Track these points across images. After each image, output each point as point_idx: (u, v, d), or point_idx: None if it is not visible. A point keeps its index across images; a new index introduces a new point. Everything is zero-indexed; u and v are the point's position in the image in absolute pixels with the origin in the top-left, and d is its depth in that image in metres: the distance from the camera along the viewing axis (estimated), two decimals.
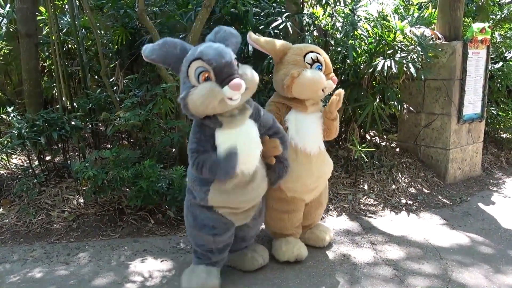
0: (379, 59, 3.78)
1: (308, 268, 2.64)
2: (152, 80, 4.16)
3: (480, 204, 3.83)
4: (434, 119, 4.35)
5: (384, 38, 3.91)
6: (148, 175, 3.01)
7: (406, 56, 3.80)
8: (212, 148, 2.15)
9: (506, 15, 5.76)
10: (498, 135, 5.62)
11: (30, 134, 3.29)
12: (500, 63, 5.18)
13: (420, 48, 3.79)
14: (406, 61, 3.74)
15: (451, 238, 3.10)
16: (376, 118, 3.92)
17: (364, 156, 3.77)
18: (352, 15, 3.89)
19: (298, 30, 3.77)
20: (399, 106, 4.07)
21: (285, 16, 3.66)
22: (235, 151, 2.10)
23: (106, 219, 3.22)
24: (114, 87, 4.08)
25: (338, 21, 3.87)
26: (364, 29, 3.89)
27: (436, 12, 4.51)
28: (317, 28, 3.96)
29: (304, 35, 3.70)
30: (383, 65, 3.67)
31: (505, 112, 5.48)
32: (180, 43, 2.13)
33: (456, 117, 4.23)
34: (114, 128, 3.39)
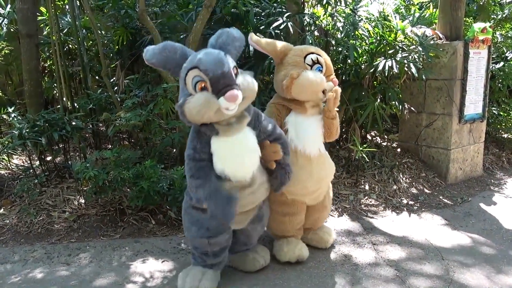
0: (380, 59, 3.77)
1: (309, 268, 2.63)
2: (153, 80, 4.16)
3: (482, 204, 3.82)
4: (435, 119, 4.35)
5: (385, 38, 3.90)
6: (149, 175, 3.01)
7: (407, 56, 3.79)
8: (208, 155, 2.15)
9: (507, 15, 5.76)
10: (499, 135, 5.61)
11: (31, 135, 3.29)
12: (501, 63, 5.18)
13: (421, 48, 3.78)
14: (407, 61, 3.74)
15: (452, 239, 3.09)
16: (377, 118, 3.91)
17: (365, 156, 3.76)
18: (353, 15, 3.89)
19: (299, 30, 3.77)
20: (400, 106, 4.06)
21: (286, 16, 3.66)
22: (236, 196, 2.13)
23: (107, 220, 3.22)
24: (115, 88, 4.08)
25: (339, 21, 3.87)
26: (365, 29, 3.89)
27: (437, 12, 4.51)
28: (318, 28, 3.95)
29: (305, 35, 3.69)
30: (384, 65, 3.66)
31: (506, 112, 5.47)
32: (180, 48, 2.11)
33: (457, 117, 4.23)
34: (115, 128, 3.39)
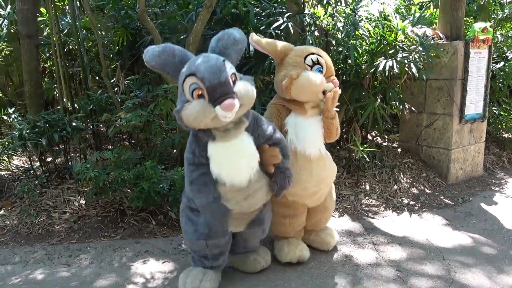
0: (381, 59, 3.77)
1: (310, 269, 2.63)
2: (153, 81, 4.16)
3: (483, 204, 3.81)
4: (436, 119, 4.34)
5: (386, 38, 3.90)
6: (149, 176, 3.01)
7: (408, 56, 3.79)
8: (206, 159, 2.16)
9: (508, 15, 5.76)
10: (500, 135, 5.60)
11: (31, 135, 3.29)
12: (501, 63, 5.17)
13: (421, 48, 3.78)
14: (408, 61, 3.73)
15: (453, 239, 3.09)
16: (377, 118, 3.90)
17: (366, 156, 3.76)
18: (353, 15, 3.88)
19: (299, 30, 3.77)
20: (400, 106, 4.06)
21: (286, 16, 3.65)
22: (231, 208, 2.17)
23: (108, 221, 3.21)
24: (115, 88, 4.08)
25: (339, 21, 3.86)
26: (365, 29, 3.88)
27: (437, 12, 4.50)
28: (318, 28, 3.95)
29: (305, 36, 3.69)
30: (385, 65, 3.66)
31: (506, 112, 5.46)
32: (179, 52, 2.10)
33: (458, 117, 4.22)
34: (115, 129, 3.39)
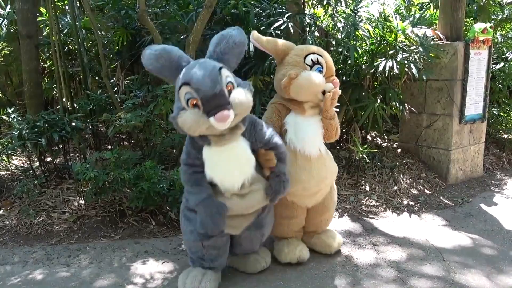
0: (381, 59, 3.77)
1: (310, 269, 2.63)
2: (153, 81, 4.15)
3: (482, 205, 3.81)
4: (435, 120, 4.34)
5: (386, 39, 3.90)
6: (149, 176, 3.00)
7: (408, 57, 3.79)
8: (201, 162, 2.17)
9: (508, 16, 5.77)
10: (500, 135, 5.60)
11: (30, 135, 3.29)
12: (501, 64, 5.18)
13: (421, 48, 3.78)
14: (408, 61, 3.73)
15: (453, 239, 3.09)
16: (377, 118, 3.91)
17: (366, 157, 3.76)
18: (353, 16, 3.89)
19: (299, 31, 3.77)
20: (400, 106, 4.06)
21: (286, 16, 3.65)
22: (226, 205, 2.17)
23: (107, 221, 3.21)
24: (115, 88, 4.08)
25: (339, 21, 3.86)
26: (365, 29, 3.88)
27: (437, 13, 4.51)
28: (318, 29, 3.95)
29: (306, 36, 3.69)
30: (385, 65, 3.66)
31: (506, 113, 5.47)
32: (176, 57, 2.08)
33: (457, 117, 4.22)
34: (115, 129, 3.39)
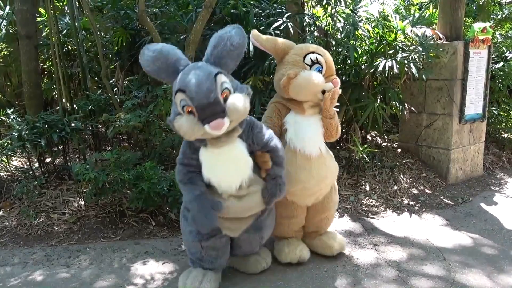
0: (380, 59, 3.77)
1: (310, 269, 2.62)
2: (152, 81, 4.13)
3: (482, 204, 3.81)
4: (435, 120, 4.34)
5: (385, 38, 3.90)
6: (149, 176, 3.00)
7: (407, 56, 3.79)
8: (197, 162, 2.18)
9: (507, 15, 5.77)
10: (500, 135, 5.60)
11: (30, 136, 3.28)
12: (501, 63, 5.18)
13: (421, 48, 3.78)
14: (408, 61, 3.73)
15: (453, 239, 3.08)
16: (377, 118, 3.90)
17: (366, 156, 3.76)
18: (353, 16, 3.88)
19: (299, 30, 3.76)
20: (400, 106, 4.06)
21: (285, 16, 3.65)
22: (220, 201, 2.17)
23: (107, 221, 3.20)
24: (115, 89, 4.07)
25: (339, 21, 3.86)
26: (365, 29, 3.88)
27: (437, 12, 4.51)
28: (318, 29, 3.95)
29: (305, 36, 3.69)
30: (384, 65, 3.66)
31: (506, 112, 5.47)
32: (173, 60, 2.06)
33: (457, 117, 4.22)
34: (114, 129, 3.38)
